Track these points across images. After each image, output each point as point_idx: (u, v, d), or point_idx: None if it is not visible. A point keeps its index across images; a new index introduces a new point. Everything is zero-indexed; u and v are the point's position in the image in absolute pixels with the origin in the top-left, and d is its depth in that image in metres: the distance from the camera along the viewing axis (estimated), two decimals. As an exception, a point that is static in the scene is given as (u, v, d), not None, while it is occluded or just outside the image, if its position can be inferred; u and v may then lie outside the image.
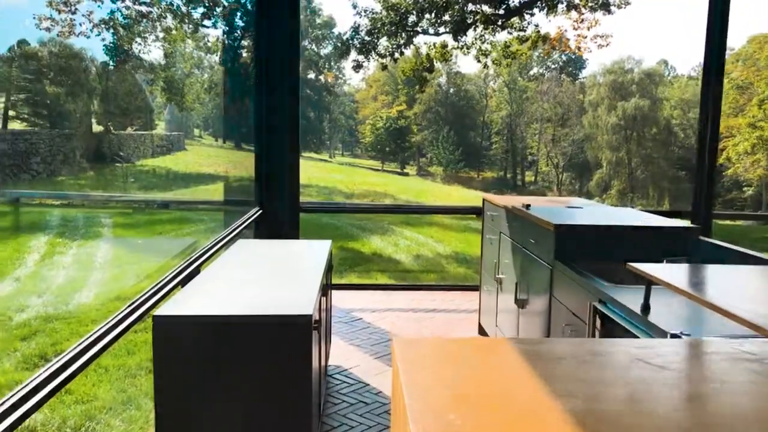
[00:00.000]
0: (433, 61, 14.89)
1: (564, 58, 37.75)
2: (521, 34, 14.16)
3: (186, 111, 19.07)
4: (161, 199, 13.18)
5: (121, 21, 12.81)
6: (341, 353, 4.33)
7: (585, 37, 14.73)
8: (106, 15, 12.13)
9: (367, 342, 4.58)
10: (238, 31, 9.17)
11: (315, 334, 2.59)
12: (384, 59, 15.26)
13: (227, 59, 10.41)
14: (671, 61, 49.73)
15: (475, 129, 38.58)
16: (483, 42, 14.34)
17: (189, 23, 13.34)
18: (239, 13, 9.91)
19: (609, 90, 34.53)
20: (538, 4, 13.75)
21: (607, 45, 15.13)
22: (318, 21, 37.97)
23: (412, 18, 14.81)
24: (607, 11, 14.22)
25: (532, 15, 14.09)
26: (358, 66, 16.30)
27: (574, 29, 14.61)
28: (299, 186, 5.38)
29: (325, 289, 3.41)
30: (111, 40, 13.08)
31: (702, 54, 5.54)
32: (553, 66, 38.94)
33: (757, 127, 26.44)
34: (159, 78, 16.57)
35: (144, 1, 12.58)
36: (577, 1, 13.96)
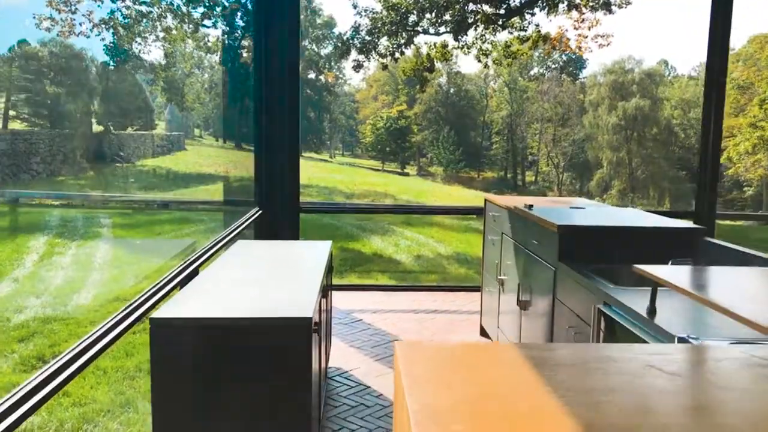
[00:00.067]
0: (434, 61, 14.84)
1: (564, 57, 37.69)
2: (522, 33, 14.11)
3: (186, 111, 19.06)
4: (161, 200, 13.14)
5: (121, 21, 12.78)
6: (341, 355, 4.30)
7: (586, 37, 14.68)
8: (106, 15, 12.12)
9: (368, 343, 4.54)
10: (238, 31, 9.15)
11: (315, 336, 2.56)
12: (384, 59, 15.23)
13: (227, 59, 10.38)
14: (671, 61, 49.67)
15: (476, 129, 38.52)
16: (483, 42, 14.29)
17: (189, 23, 13.31)
18: (239, 13, 9.89)
19: (609, 90, 34.48)
20: (538, 3, 13.70)
21: (608, 45, 15.07)
22: (318, 21, 37.92)
23: (412, 18, 14.78)
24: (608, 11, 14.16)
25: (532, 15, 14.05)
26: (358, 66, 16.28)
27: (574, 29, 14.55)
28: (299, 186, 5.36)
29: (326, 290, 3.38)
30: (111, 40, 13.07)
31: (702, 54, 5.53)
32: (554, 66, 38.88)
33: (758, 127, 26.40)
34: (159, 78, 16.57)
35: (144, 1, 12.56)
36: (578, 1, 13.90)
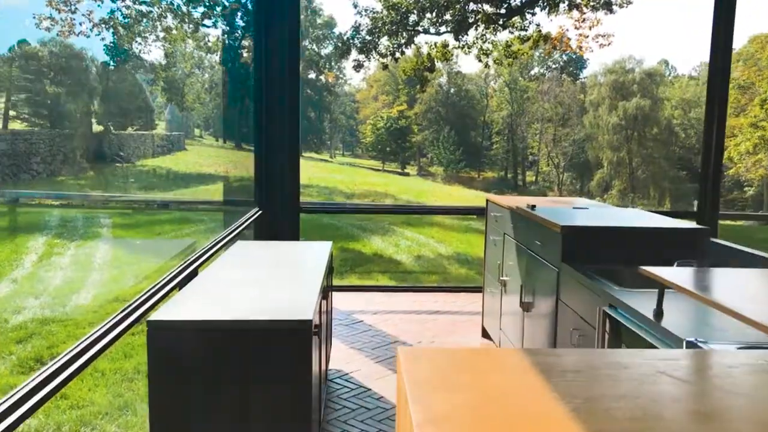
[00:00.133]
0: (434, 61, 14.80)
1: (565, 57, 37.67)
2: (522, 33, 14.07)
3: (186, 111, 19.03)
4: (161, 200, 13.10)
5: (121, 21, 12.75)
6: (342, 357, 4.27)
7: (586, 37, 14.63)
8: (106, 15, 12.09)
9: (369, 345, 4.51)
10: (238, 31, 9.12)
11: (315, 338, 2.53)
12: (385, 59, 15.20)
13: (227, 59, 10.35)
14: (672, 61, 49.60)
15: (476, 129, 38.49)
16: (484, 41, 14.26)
17: (189, 23, 13.29)
18: (239, 13, 9.86)
19: (610, 90, 34.45)
20: (539, 3, 13.67)
21: (609, 44, 15.04)
22: (318, 21, 37.89)
23: (413, 17, 14.74)
24: (609, 11, 14.13)
25: (533, 14, 14.02)
26: (358, 66, 16.25)
27: (575, 29, 14.52)
28: (299, 186, 5.33)
29: (326, 292, 3.34)
30: (111, 39, 13.04)
31: (703, 54, 5.53)
32: (554, 66, 38.85)
33: (759, 127, 26.36)
34: (159, 78, 16.54)
35: (144, 1, 12.53)
36: (579, 1, 13.87)
